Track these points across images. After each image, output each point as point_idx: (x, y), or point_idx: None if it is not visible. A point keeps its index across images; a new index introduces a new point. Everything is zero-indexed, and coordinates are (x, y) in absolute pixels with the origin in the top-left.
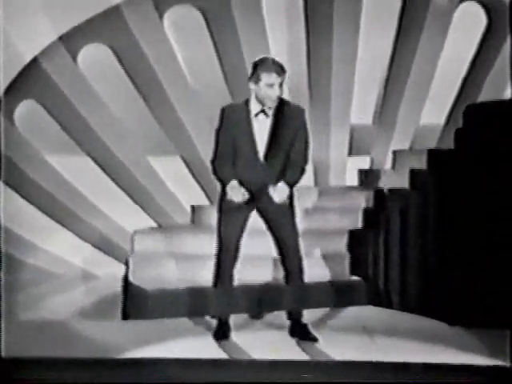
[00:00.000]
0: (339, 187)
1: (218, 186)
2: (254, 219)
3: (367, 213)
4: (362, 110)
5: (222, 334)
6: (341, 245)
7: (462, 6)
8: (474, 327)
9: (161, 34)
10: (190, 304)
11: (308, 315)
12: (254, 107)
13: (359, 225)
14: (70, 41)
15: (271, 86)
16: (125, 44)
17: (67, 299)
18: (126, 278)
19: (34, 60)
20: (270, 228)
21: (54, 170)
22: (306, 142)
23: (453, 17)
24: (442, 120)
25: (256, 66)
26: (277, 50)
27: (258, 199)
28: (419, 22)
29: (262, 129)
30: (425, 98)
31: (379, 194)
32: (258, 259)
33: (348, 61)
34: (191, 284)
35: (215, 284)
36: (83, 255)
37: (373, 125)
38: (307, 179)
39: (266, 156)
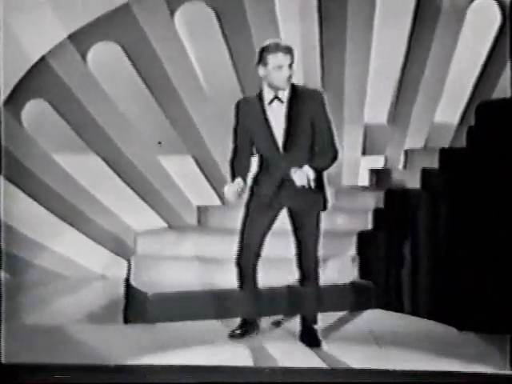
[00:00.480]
0: (349, 187)
1: None
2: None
3: (377, 214)
4: (376, 109)
5: (240, 332)
6: (350, 247)
7: (476, 3)
8: (484, 332)
9: (172, 31)
10: (200, 307)
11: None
12: (268, 95)
13: (369, 226)
14: (79, 39)
15: (280, 67)
16: (135, 42)
17: (74, 301)
18: (127, 281)
19: (43, 59)
20: (294, 226)
21: (62, 168)
22: (329, 127)
23: (466, 14)
24: (456, 119)
25: (262, 51)
26: None
27: (283, 195)
28: (433, 20)
29: (277, 117)
30: (439, 96)
31: (390, 195)
32: (279, 261)
33: (361, 59)
34: (194, 287)
35: (241, 286)
36: (91, 256)
37: (387, 124)
38: None
39: (285, 146)
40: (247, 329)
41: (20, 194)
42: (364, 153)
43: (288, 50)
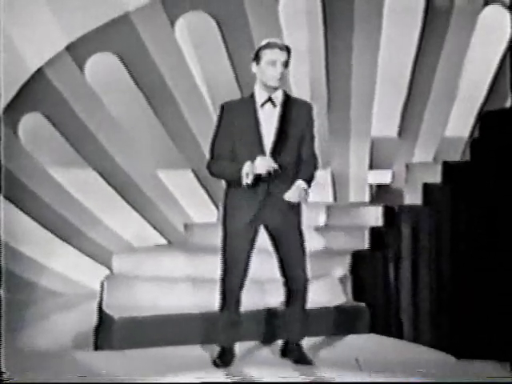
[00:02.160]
0: (345, 204)
1: None
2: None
3: (374, 232)
4: (384, 121)
5: (223, 361)
6: (343, 267)
7: (486, 10)
8: (484, 359)
9: (172, 42)
10: (173, 332)
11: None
12: (260, 96)
13: (365, 245)
14: (77, 50)
15: (273, 63)
16: (134, 53)
17: (70, 320)
18: (100, 303)
19: (40, 70)
20: (275, 243)
21: (58, 184)
22: (313, 140)
23: (476, 22)
24: (467, 132)
25: (259, 48)
26: (294, 59)
27: (265, 210)
28: (442, 29)
29: (268, 120)
30: (449, 108)
31: (389, 211)
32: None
33: (368, 70)
34: (172, 310)
35: (221, 308)
36: (89, 273)
37: (398, 137)
38: (326, 194)
39: (273, 151)
40: (229, 356)
41: (14, 209)
42: (371, 167)
43: (285, 48)
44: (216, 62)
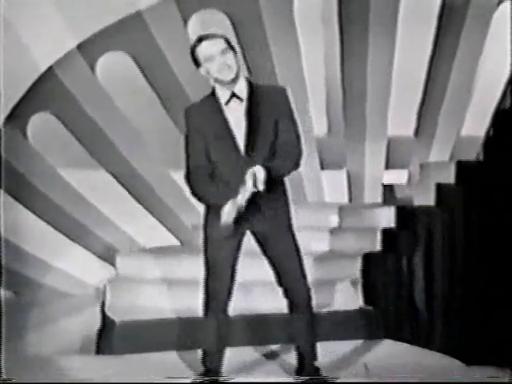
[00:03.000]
0: (357, 204)
1: None
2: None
3: (386, 233)
4: (400, 121)
5: (206, 367)
6: (354, 270)
7: (501, 7)
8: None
9: (185, 40)
10: (168, 337)
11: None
12: (222, 94)
13: (377, 247)
14: (88, 49)
15: (210, 57)
16: (146, 52)
17: (77, 322)
18: (103, 306)
19: (50, 69)
20: (263, 250)
21: (69, 184)
22: (295, 127)
23: (491, 21)
24: (483, 132)
25: (191, 51)
26: (309, 60)
27: (247, 212)
28: (457, 29)
29: (237, 117)
30: (465, 107)
31: (401, 212)
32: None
33: (384, 70)
34: (174, 314)
35: (205, 313)
36: (98, 274)
37: (414, 137)
38: (341, 194)
39: (247, 148)
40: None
41: (24, 210)
42: (387, 167)
43: (214, 36)
44: None
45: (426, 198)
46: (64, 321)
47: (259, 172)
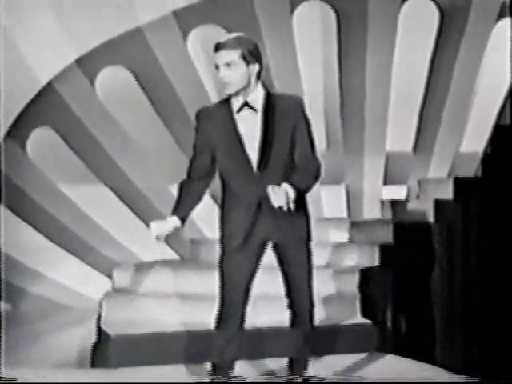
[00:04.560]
0: (356, 220)
1: None
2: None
3: (385, 249)
4: (398, 136)
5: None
6: (352, 284)
7: (500, 23)
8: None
9: (184, 55)
10: (171, 350)
11: None
12: (235, 100)
13: (375, 262)
14: (88, 63)
15: (217, 67)
16: (145, 66)
17: (76, 335)
18: (99, 319)
19: (49, 84)
20: (280, 262)
21: (68, 199)
22: (311, 138)
23: (490, 37)
24: (482, 148)
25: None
26: (308, 75)
27: (260, 226)
28: (455, 44)
29: (249, 128)
30: (464, 123)
31: (399, 228)
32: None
33: (383, 86)
34: (172, 328)
35: (217, 327)
36: (97, 287)
37: (412, 152)
38: (339, 209)
39: (260, 164)
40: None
41: (23, 224)
42: (385, 182)
43: (228, 46)
44: None
45: (424, 213)
46: (61, 334)
47: (290, 191)
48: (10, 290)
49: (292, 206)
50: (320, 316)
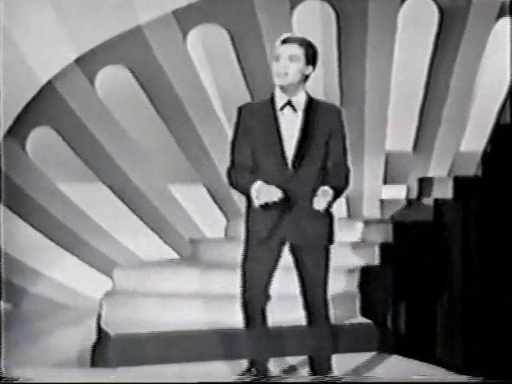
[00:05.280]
0: (355, 219)
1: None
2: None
3: (385, 248)
4: (398, 135)
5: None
6: (353, 284)
7: (500, 22)
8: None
9: (184, 54)
10: (171, 350)
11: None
12: (279, 98)
13: (375, 261)
14: (87, 63)
15: (277, 58)
16: (145, 65)
17: (76, 334)
18: (99, 318)
19: (49, 83)
20: (297, 263)
21: (67, 198)
22: (345, 147)
23: (490, 36)
24: (482, 147)
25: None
26: None
27: (284, 225)
28: (455, 42)
29: (290, 127)
30: (464, 122)
31: (399, 228)
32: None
33: (383, 85)
34: (167, 328)
35: (247, 325)
36: (96, 286)
37: (412, 152)
38: (339, 209)
39: (295, 162)
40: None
41: (22, 223)
42: (385, 182)
43: (296, 42)
44: (228, 74)
45: (424, 213)
46: (61, 333)
47: (331, 193)
48: (11, 289)
49: (329, 208)
50: None
